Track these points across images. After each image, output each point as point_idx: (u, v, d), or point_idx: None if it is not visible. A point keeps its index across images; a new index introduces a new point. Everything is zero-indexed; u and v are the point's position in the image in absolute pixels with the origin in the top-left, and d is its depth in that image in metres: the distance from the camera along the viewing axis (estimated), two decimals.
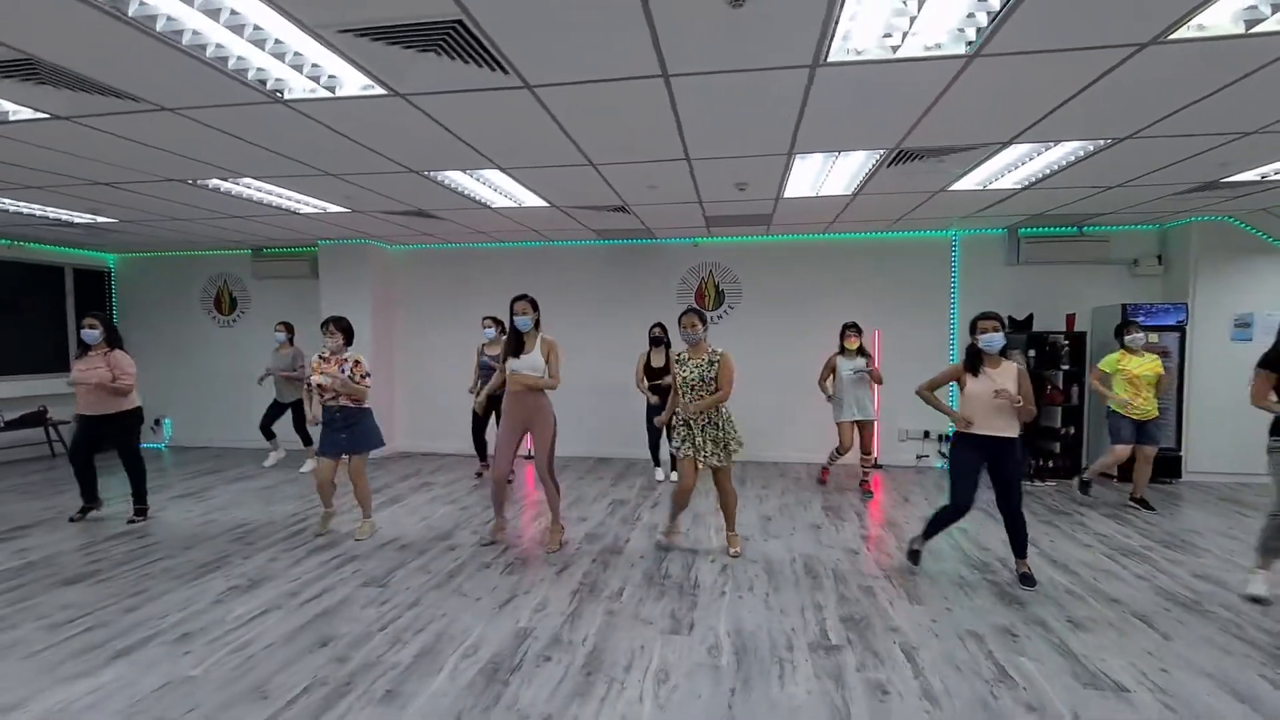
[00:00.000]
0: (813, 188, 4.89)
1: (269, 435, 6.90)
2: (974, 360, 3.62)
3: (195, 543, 4.50)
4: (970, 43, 2.49)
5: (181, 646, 3.00)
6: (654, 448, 6.39)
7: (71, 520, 4.94)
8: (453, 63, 2.63)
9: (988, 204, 5.46)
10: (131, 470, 4.98)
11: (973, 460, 3.64)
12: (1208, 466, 6.19)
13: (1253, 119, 3.36)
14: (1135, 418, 5.09)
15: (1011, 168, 4.36)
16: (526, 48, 2.51)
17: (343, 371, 4.42)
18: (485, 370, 6.13)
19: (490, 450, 5.86)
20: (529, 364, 4.13)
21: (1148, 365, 5.07)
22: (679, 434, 4.11)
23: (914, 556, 3.99)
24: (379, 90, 2.91)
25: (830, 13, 2.24)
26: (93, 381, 4.64)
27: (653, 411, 6.05)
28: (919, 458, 7.04)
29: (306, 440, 6.76)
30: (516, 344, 4.19)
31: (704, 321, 4.08)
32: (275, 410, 6.79)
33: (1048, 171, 4.39)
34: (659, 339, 6.05)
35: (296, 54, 2.60)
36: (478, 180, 4.58)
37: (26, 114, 3.22)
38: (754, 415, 6.54)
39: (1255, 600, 3.45)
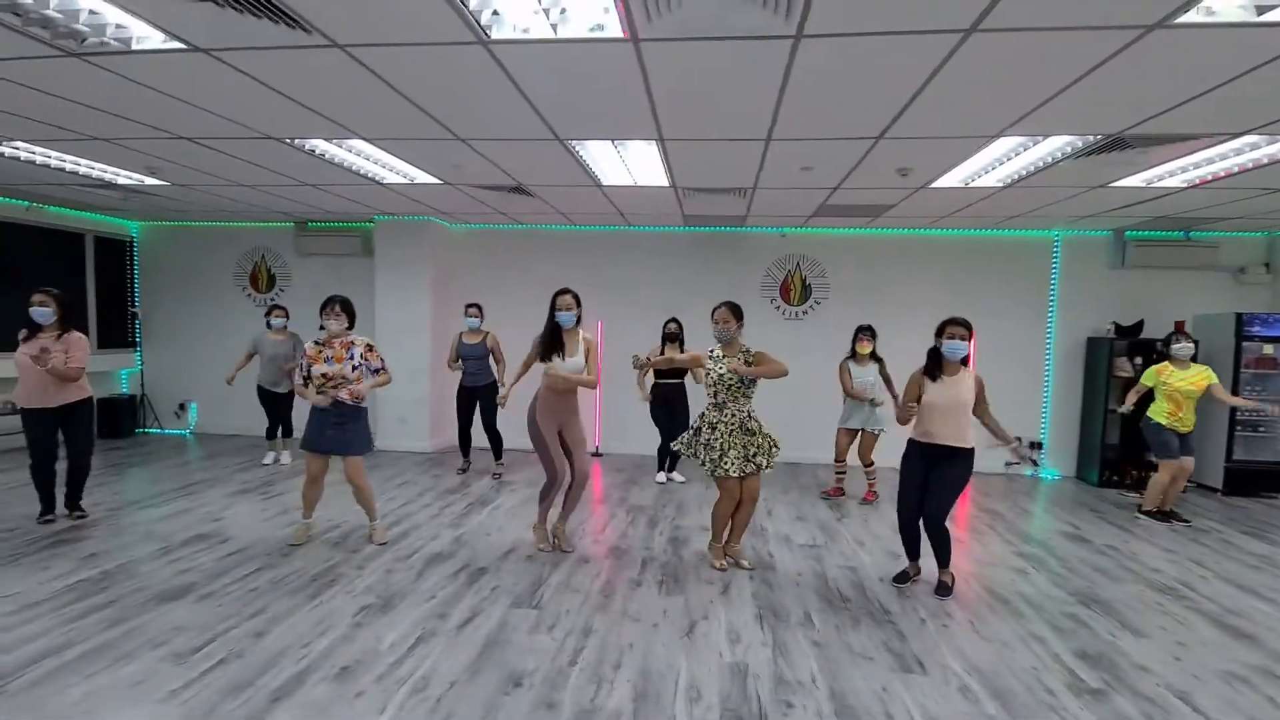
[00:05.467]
0: (965, 179, 4.54)
1: (276, 434, 6.40)
2: (934, 365, 3.46)
3: (290, 549, 3.99)
4: None
5: (348, 686, 2.53)
6: (663, 449, 5.97)
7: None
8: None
9: (1129, 203, 5.17)
10: (78, 465, 4.38)
11: (920, 469, 3.51)
12: None
13: None
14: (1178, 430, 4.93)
15: (1196, 165, 4.06)
16: None
17: (350, 357, 3.89)
18: (468, 359, 5.78)
19: (474, 445, 6.15)
20: (574, 366, 3.90)
21: (1192, 379, 4.87)
22: (714, 447, 3.70)
23: (902, 577, 3.74)
24: (614, 34, 2.45)
25: None
26: (45, 367, 3.96)
27: (656, 411, 5.79)
28: (1007, 465, 6.79)
29: (289, 431, 6.40)
30: (556, 341, 3.89)
31: (739, 317, 3.75)
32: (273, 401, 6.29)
33: (1235, 170, 4.10)
34: (674, 335, 5.70)
35: None
36: (618, 150, 4.11)
37: (155, 42, 2.67)
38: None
39: None
